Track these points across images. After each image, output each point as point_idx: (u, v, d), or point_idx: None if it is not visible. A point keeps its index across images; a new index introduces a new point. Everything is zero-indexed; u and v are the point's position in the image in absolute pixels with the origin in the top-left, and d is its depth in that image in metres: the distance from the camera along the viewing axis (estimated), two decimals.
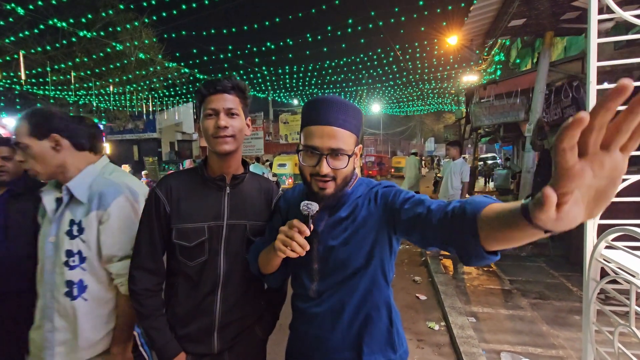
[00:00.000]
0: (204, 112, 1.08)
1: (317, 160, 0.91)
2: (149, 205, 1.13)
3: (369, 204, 0.98)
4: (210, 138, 1.07)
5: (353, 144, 0.94)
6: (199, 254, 1.10)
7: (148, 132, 21.78)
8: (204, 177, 1.14)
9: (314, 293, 1.01)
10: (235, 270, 1.14)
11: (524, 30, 4.95)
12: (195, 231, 1.10)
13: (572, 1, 3.99)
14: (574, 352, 2.60)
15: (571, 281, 4.03)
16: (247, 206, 1.17)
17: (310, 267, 1.02)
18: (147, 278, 1.12)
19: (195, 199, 1.12)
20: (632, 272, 1.40)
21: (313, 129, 0.91)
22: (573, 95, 6.31)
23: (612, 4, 1.58)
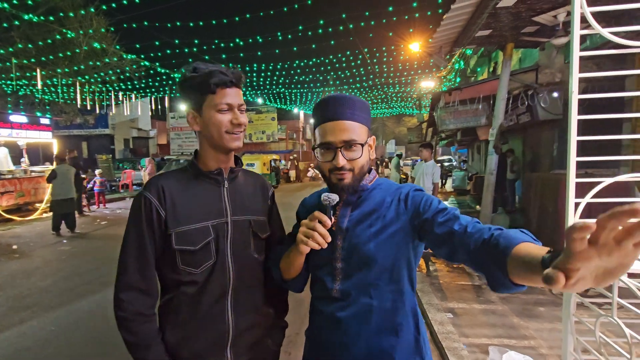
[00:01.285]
0: (217, 106, 0.99)
1: (333, 154, 0.95)
2: (137, 212, 0.99)
3: (398, 204, 0.98)
4: (222, 133, 1.01)
5: (364, 134, 0.98)
6: (206, 257, 1.01)
7: (99, 127, 20.30)
8: (200, 172, 1.05)
9: (338, 293, 0.98)
10: (245, 270, 1.06)
11: (489, 41, 5.27)
12: (199, 232, 1.00)
13: (533, 17, 4.32)
14: (544, 341, 2.81)
15: None
16: (248, 201, 1.11)
17: (334, 265, 0.99)
18: (140, 300, 0.98)
19: (193, 197, 1.03)
20: None
21: (325, 126, 0.96)
22: (528, 103, 6.85)
23: (592, 21, 1.72)
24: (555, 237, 4.31)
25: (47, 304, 3.75)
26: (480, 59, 11.81)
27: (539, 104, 6.70)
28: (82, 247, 6.28)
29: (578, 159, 1.78)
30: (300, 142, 32.09)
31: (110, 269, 4.90)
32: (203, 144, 1.06)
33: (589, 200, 1.82)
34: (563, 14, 4.13)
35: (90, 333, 3.15)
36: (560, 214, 4.24)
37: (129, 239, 1.00)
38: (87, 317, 3.44)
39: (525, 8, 4.01)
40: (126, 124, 22.24)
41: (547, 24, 4.43)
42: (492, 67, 11.29)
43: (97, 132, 20.44)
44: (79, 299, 3.88)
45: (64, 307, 3.69)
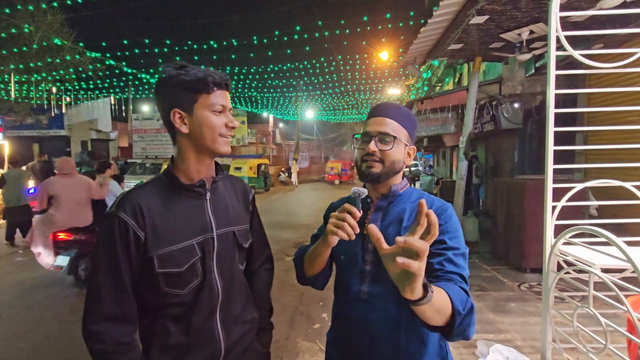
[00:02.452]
0: (213, 106, 0.95)
1: (369, 144, 1.03)
2: (110, 235, 0.89)
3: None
4: (216, 136, 0.96)
5: (403, 135, 1.05)
6: (192, 277, 0.95)
7: (54, 128, 18.89)
8: (180, 186, 0.97)
9: (366, 295, 1.00)
10: (231, 284, 1.04)
11: (460, 54, 5.61)
12: (184, 252, 0.94)
13: (500, 34, 4.67)
14: (517, 334, 3.03)
15: (501, 273, 4.65)
16: (231, 210, 1.07)
17: (363, 268, 1.02)
18: (118, 329, 0.90)
19: (175, 214, 0.95)
20: (590, 263, 1.72)
21: (368, 121, 1.06)
22: (492, 112, 7.33)
23: (566, 44, 1.93)
24: (520, 237, 4.66)
25: (12, 320, 3.46)
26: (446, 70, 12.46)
27: (502, 114, 7.20)
28: None
29: (555, 166, 1.97)
30: (270, 146, 31.82)
31: None
32: (186, 149, 0.98)
33: (564, 203, 2.03)
34: (526, 33, 4.51)
35: (65, 346, 2.95)
36: (525, 216, 4.60)
37: (100, 265, 0.90)
38: (60, 332, 3.22)
39: (494, 25, 4.33)
40: (84, 125, 20.88)
41: (512, 40, 4.81)
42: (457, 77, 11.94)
43: (52, 133, 18.98)
44: (47, 313, 3.62)
45: (33, 321, 3.43)
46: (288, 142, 33.40)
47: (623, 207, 2.08)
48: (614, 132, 4.82)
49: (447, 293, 0.81)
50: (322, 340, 2.95)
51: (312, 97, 21.94)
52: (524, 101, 6.96)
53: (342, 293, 1.09)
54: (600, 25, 4.06)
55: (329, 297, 1.17)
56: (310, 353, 2.85)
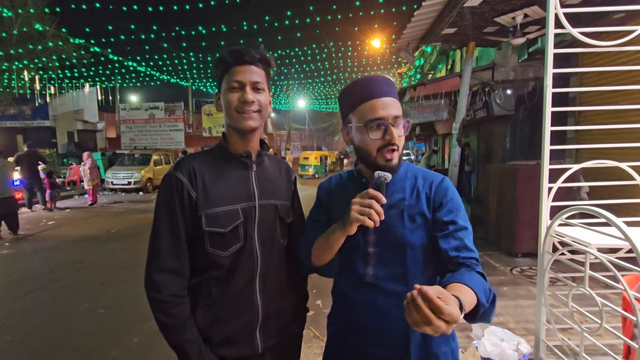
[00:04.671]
0: (228, 85, 1.00)
1: (383, 131, 0.93)
2: (169, 192, 0.98)
3: (427, 192, 1.00)
4: (233, 113, 1.00)
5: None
6: (234, 240, 1.01)
7: (38, 119, 18.38)
8: (229, 154, 1.05)
9: (371, 278, 0.99)
10: (271, 255, 1.07)
11: (453, 39, 5.54)
12: (229, 214, 1.00)
13: (494, 17, 4.61)
14: (510, 317, 3.06)
15: (493, 258, 4.69)
16: (274, 185, 1.11)
17: (365, 251, 0.99)
18: (174, 281, 0.97)
19: (223, 180, 1.03)
20: (586, 243, 1.71)
21: (373, 103, 0.93)
22: (485, 99, 7.31)
23: (565, 21, 1.88)
24: (512, 222, 4.69)
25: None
26: (439, 57, 12.38)
27: (494, 101, 7.19)
28: (30, 250, 5.70)
29: (552, 147, 1.94)
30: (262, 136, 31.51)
31: (68, 271, 4.52)
32: (227, 126, 1.06)
33: (560, 185, 2.01)
34: (520, 16, 4.45)
35: (52, 339, 2.89)
36: (517, 202, 4.62)
37: (161, 220, 0.98)
38: (47, 325, 3.15)
39: (489, 9, 4.26)
40: (70, 116, 20.34)
41: (506, 25, 4.75)
42: (449, 64, 11.88)
43: (36, 124, 18.47)
44: (35, 305, 3.53)
45: (20, 314, 3.35)
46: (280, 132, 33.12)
47: (613, 190, 2.07)
48: (605, 114, 4.84)
49: (471, 289, 0.79)
50: (316, 327, 2.94)
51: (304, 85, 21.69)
52: (517, 87, 6.95)
53: (346, 277, 1.05)
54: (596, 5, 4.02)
55: (323, 284, 1.14)
56: (305, 340, 2.84)
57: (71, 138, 20.95)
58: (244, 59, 0.99)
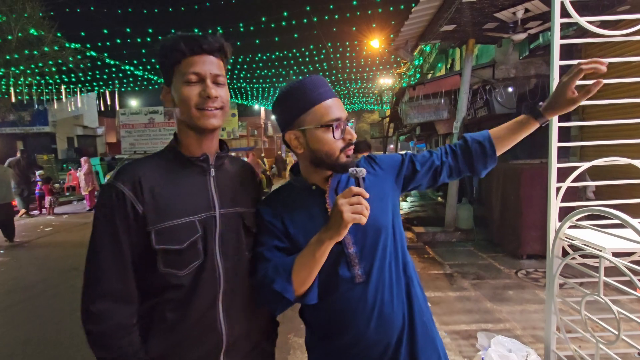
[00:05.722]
0: (184, 77, 0.87)
1: (342, 130, 0.94)
2: (108, 207, 0.85)
3: (376, 168, 1.07)
4: (192, 110, 0.88)
5: None
6: (193, 257, 0.88)
7: (38, 125, 18.39)
8: (182, 158, 0.92)
9: (362, 277, 0.95)
10: (237, 270, 0.94)
11: (452, 36, 5.43)
12: (185, 228, 0.87)
13: (494, 13, 4.49)
14: (517, 323, 2.93)
15: (497, 261, 4.56)
16: (237, 191, 0.99)
17: (346, 253, 0.95)
18: (119, 308, 0.84)
19: (176, 188, 0.90)
20: (599, 247, 1.59)
21: (329, 103, 0.93)
22: (486, 97, 7.18)
23: (572, 10, 1.77)
24: (516, 223, 4.55)
25: None
26: (438, 56, 12.27)
27: (495, 99, 7.05)
28: (25, 258, 5.61)
29: (560, 144, 1.83)
30: (262, 138, 31.48)
31: (62, 279, 4.41)
32: (180, 125, 0.93)
33: (569, 184, 1.89)
34: (521, 11, 4.34)
35: (42, 350, 2.78)
36: (522, 202, 4.49)
37: (99, 240, 0.85)
38: (38, 335, 3.04)
39: (488, 4, 4.15)
40: (69, 121, 20.36)
41: (507, 20, 4.64)
42: (449, 63, 11.77)
43: (35, 130, 18.49)
44: (26, 315, 3.42)
45: (10, 324, 3.24)
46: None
47: (620, 189, 1.95)
48: (609, 109, 4.70)
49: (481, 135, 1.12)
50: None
51: None
52: (518, 85, 6.81)
53: (332, 291, 0.96)
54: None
55: None
56: (302, 349, 2.72)
57: (71, 143, 20.96)
58: (203, 48, 0.87)
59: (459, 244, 5.45)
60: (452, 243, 5.54)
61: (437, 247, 5.35)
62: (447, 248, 5.26)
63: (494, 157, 1.08)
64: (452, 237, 5.67)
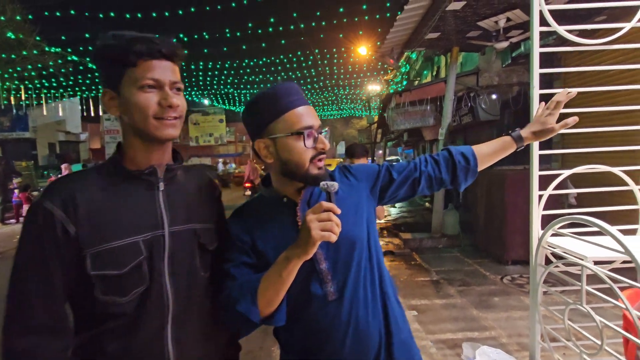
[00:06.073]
0: (138, 82, 0.79)
1: (314, 139, 0.90)
2: (35, 230, 0.76)
3: (352, 179, 1.03)
4: (149, 119, 0.80)
5: None
6: (136, 281, 0.80)
7: (17, 130, 17.88)
8: (125, 172, 0.84)
9: (335, 294, 0.91)
10: (190, 292, 0.87)
11: (437, 44, 5.49)
12: (126, 250, 0.79)
13: (477, 21, 4.56)
14: (502, 330, 2.91)
15: (483, 267, 4.57)
16: (192, 205, 0.91)
17: (317, 269, 0.90)
18: (49, 344, 0.75)
19: (117, 206, 0.81)
20: (581, 255, 1.58)
21: (300, 111, 0.90)
22: (470, 104, 7.28)
23: (550, 19, 1.78)
24: (501, 229, 4.58)
25: None
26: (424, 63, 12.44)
27: (479, 106, 7.16)
28: None
29: (541, 152, 1.83)
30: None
31: None
32: (127, 134, 0.85)
33: (550, 192, 1.89)
34: (503, 20, 4.42)
35: None
36: (506, 207, 4.52)
37: (23, 266, 0.76)
38: None
39: (471, 12, 4.21)
40: (51, 127, 19.86)
41: (489, 29, 4.71)
42: (435, 70, 11.94)
43: (15, 135, 17.96)
44: None
45: None
46: None
47: (601, 195, 1.97)
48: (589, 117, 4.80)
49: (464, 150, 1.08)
50: None
51: None
52: (501, 92, 6.94)
53: (303, 311, 0.92)
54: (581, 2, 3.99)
55: None
56: None
57: (52, 149, 20.42)
58: (162, 52, 0.81)
59: (446, 250, 5.45)
60: (439, 249, 5.54)
61: (424, 253, 5.34)
62: (434, 254, 5.26)
63: (476, 171, 1.06)
64: (439, 243, 5.68)
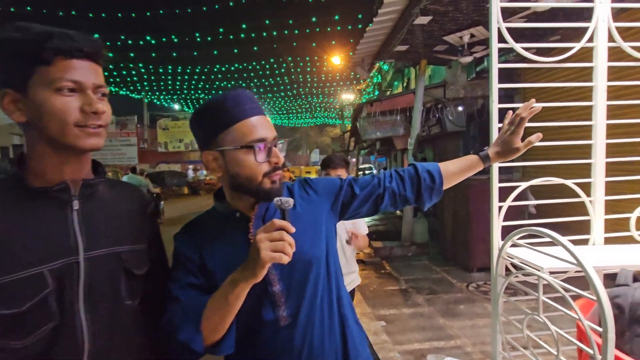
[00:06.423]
0: (55, 84, 0.68)
1: (268, 152, 0.84)
2: None
3: (311, 194, 0.97)
4: (68, 127, 0.70)
5: None
6: (42, 320, 0.69)
7: None
8: (27, 189, 0.72)
9: (288, 319, 0.85)
10: (112, 325, 0.76)
11: (405, 56, 5.64)
12: (26, 284, 0.67)
13: (443, 36, 4.73)
14: (467, 339, 2.96)
15: (450, 274, 4.66)
16: (114, 225, 0.80)
17: (270, 291, 0.84)
18: None
19: (15, 230, 0.69)
20: (537, 266, 1.61)
21: (252, 122, 0.84)
22: (438, 115, 7.51)
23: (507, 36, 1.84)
24: (467, 237, 4.70)
25: None
26: (395, 74, 12.78)
27: (447, 117, 7.41)
28: None
29: (500, 164, 1.87)
30: None
31: None
32: (35, 144, 0.73)
33: (509, 203, 1.94)
34: (467, 36, 4.60)
35: None
36: (471, 216, 4.66)
37: None
38: None
39: (437, 27, 4.36)
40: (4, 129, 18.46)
41: (455, 44, 4.90)
42: (405, 82, 12.28)
43: None
44: None
45: None
46: None
47: (560, 205, 2.06)
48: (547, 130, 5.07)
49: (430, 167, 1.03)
50: None
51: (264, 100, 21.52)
52: (467, 104, 7.21)
53: (252, 333, 0.85)
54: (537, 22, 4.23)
55: None
56: None
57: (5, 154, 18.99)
58: (84, 51, 0.70)
59: (415, 258, 5.53)
60: (409, 257, 5.61)
61: (394, 261, 5.39)
62: (404, 262, 5.31)
63: (441, 191, 1.01)
64: (409, 251, 5.75)
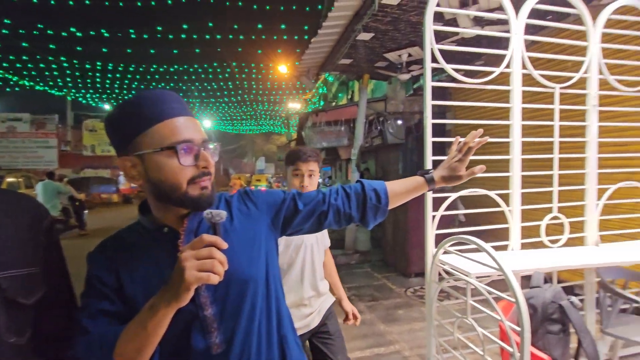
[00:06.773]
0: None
1: (195, 155, 0.75)
2: None
3: (251, 207, 0.90)
4: None
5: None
6: None
7: None
8: None
9: (221, 347, 0.77)
10: None
11: (349, 69, 5.82)
12: None
13: (384, 53, 4.98)
14: (405, 343, 3.07)
15: (390, 280, 4.84)
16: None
17: (200, 316, 0.76)
18: None
19: None
20: (466, 272, 1.73)
21: (175, 122, 0.75)
22: (380, 128, 7.87)
23: (439, 57, 1.99)
24: (405, 243, 4.94)
25: None
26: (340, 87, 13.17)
27: (387, 130, 7.79)
28: None
29: None
30: None
31: None
32: None
33: (442, 213, 2.07)
34: (405, 55, 4.90)
35: None
36: (408, 223, 4.91)
37: None
38: None
39: (379, 44, 4.58)
40: None
41: (394, 61, 5.18)
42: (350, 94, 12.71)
43: None
44: None
45: None
46: None
47: (488, 213, 2.26)
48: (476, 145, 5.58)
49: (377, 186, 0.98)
50: None
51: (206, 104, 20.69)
52: (405, 119, 7.67)
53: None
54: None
55: None
56: None
57: None
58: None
59: (358, 266, 5.65)
60: (352, 265, 5.71)
61: (338, 270, 5.40)
62: (347, 270, 5.40)
63: (386, 210, 0.98)
64: (352, 259, 5.87)
